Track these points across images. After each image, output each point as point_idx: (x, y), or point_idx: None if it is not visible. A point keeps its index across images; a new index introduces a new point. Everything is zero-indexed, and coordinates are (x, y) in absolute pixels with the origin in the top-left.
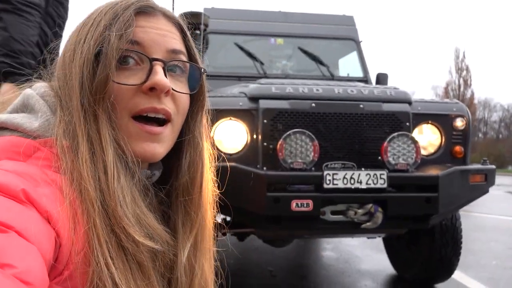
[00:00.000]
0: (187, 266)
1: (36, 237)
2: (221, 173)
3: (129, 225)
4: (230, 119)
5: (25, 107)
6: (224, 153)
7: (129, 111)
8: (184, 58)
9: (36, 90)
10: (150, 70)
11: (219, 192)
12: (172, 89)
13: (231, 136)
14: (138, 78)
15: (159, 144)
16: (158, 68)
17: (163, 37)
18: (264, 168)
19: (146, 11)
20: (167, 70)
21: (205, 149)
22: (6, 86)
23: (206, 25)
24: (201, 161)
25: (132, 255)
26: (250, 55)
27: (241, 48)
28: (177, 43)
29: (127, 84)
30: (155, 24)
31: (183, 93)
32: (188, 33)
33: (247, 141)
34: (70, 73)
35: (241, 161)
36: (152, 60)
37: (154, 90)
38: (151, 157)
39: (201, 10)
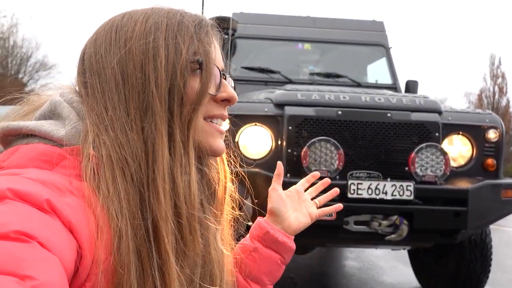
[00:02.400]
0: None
1: (58, 248)
2: (244, 178)
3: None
4: (256, 124)
5: (52, 113)
6: (249, 159)
7: (203, 114)
8: None
9: (63, 96)
10: (220, 82)
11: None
12: None
13: (255, 141)
14: (211, 89)
15: (223, 141)
16: (226, 81)
17: (219, 55)
18: (288, 175)
19: (212, 27)
20: None
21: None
22: None
23: (234, 30)
24: (223, 163)
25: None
26: (278, 59)
27: (270, 52)
28: (222, 62)
29: (212, 94)
30: (213, 42)
31: (231, 104)
32: (222, 50)
33: (271, 147)
34: (146, 79)
35: (265, 167)
36: (222, 73)
37: (226, 101)
38: (221, 152)
39: (229, 15)
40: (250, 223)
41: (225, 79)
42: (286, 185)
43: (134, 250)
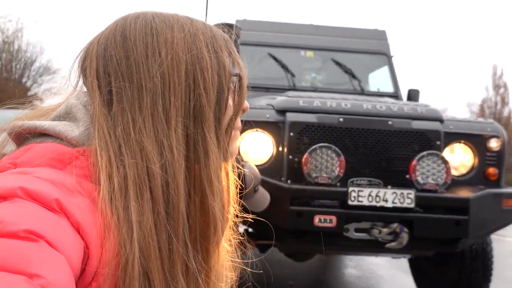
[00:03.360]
0: None
1: (66, 248)
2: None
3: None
4: (257, 130)
5: (68, 115)
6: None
7: (232, 127)
8: None
9: (79, 99)
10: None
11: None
12: None
13: (256, 147)
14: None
15: None
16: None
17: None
18: (288, 181)
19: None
20: None
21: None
22: None
23: (237, 37)
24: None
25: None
26: (280, 66)
27: (275, 59)
28: None
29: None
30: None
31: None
32: None
33: (272, 153)
34: (193, 87)
35: (265, 173)
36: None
37: (243, 111)
38: (236, 154)
39: (233, 21)
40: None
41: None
42: (287, 192)
43: (138, 262)
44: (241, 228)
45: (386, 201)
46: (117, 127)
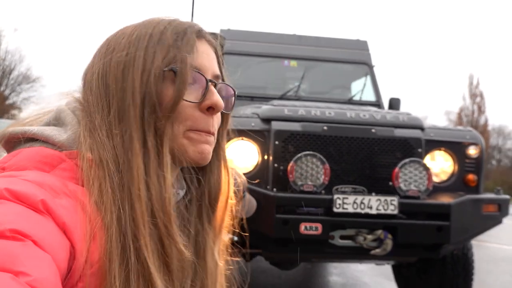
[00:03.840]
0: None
1: (52, 247)
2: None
3: (179, 242)
4: (242, 139)
5: (57, 121)
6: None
7: (187, 126)
8: (221, 81)
9: (68, 105)
10: (207, 90)
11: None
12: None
13: (242, 156)
14: (194, 97)
15: (210, 147)
16: (213, 89)
17: (211, 62)
18: (274, 189)
19: (201, 35)
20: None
21: (225, 166)
22: None
23: (221, 46)
24: (225, 171)
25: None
26: (264, 75)
27: (257, 69)
28: (218, 68)
29: (191, 102)
30: (205, 48)
31: (226, 112)
32: (221, 57)
33: (258, 161)
34: (123, 88)
35: (251, 182)
36: (209, 80)
37: (211, 110)
38: (206, 158)
39: (217, 31)
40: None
41: (215, 86)
42: (273, 200)
43: (118, 255)
44: (226, 237)
45: (371, 208)
46: (85, 125)
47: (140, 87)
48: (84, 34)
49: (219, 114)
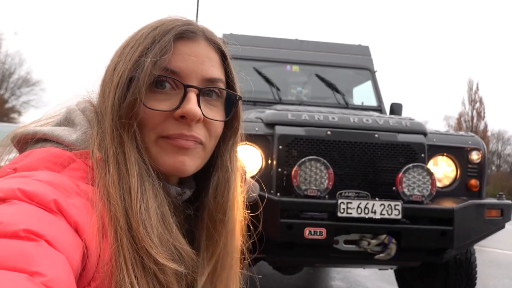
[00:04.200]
0: None
1: (65, 247)
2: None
3: (151, 246)
4: (246, 143)
5: (67, 121)
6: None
7: (157, 133)
8: (221, 84)
9: (78, 105)
10: (184, 97)
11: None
12: (204, 115)
13: (246, 160)
14: (171, 103)
15: (189, 158)
16: (192, 95)
17: (201, 65)
18: (278, 194)
19: (186, 36)
20: (202, 94)
21: (236, 174)
22: None
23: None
24: (228, 185)
25: (156, 276)
26: (267, 80)
27: (259, 73)
28: (214, 71)
29: (158, 110)
30: (194, 50)
31: (215, 120)
32: (228, 57)
33: (261, 166)
34: (107, 93)
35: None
36: (187, 86)
37: (184, 118)
38: (180, 169)
39: (220, 35)
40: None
41: (198, 94)
42: (277, 204)
43: (128, 252)
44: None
45: (375, 212)
46: (100, 132)
47: (112, 94)
48: (84, 38)
49: (212, 121)
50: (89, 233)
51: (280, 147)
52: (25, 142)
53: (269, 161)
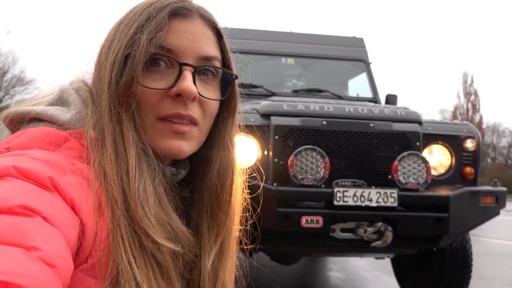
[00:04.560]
0: (211, 271)
1: (61, 223)
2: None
3: (149, 226)
4: (242, 134)
5: (60, 100)
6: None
7: (155, 114)
8: (217, 63)
9: (72, 84)
10: (179, 75)
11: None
12: (200, 94)
13: (242, 151)
14: (166, 82)
15: (185, 142)
16: (187, 74)
17: (197, 43)
18: (275, 184)
19: (181, 13)
20: (198, 73)
21: (236, 155)
22: None
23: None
24: (232, 167)
25: (153, 255)
26: (262, 73)
27: (256, 66)
28: (210, 49)
29: (153, 88)
30: (190, 27)
31: (210, 99)
32: (224, 36)
33: (258, 156)
34: (102, 72)
35: (251, 176)
36: (182, 64)
37: (180, 97)
38: (177, 154)
39: None
40: None
41: (195, 70)
42: (273, 194)
43: (126, 229)
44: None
45: (371, 200)
46: (94, 111)
47: (108, 73)
48: (78, 36)
49: (207, 100)
50: (86, 210)
51: (276, 137)
52: (17, 122)
53: (266, 152)
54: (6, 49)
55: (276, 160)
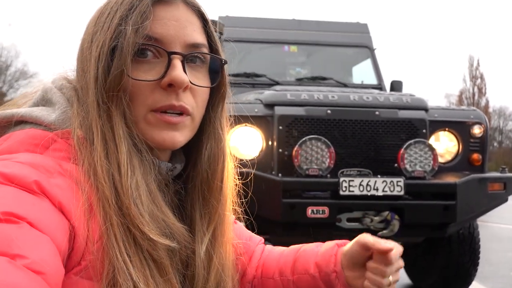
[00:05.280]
0: (205, 259)
1: (49, 227)
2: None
3: (143, 223)
4: (246, 125)
5: (44, 101)
6: (240, 160)
7: (148, 107)
8: (205, 49)
9: (54, 82)
10: (169, 65)
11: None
12: (191, 83)
13: (246, 142)
14: (156, 73)
15: (179, 132)
16: (177, 62)
17: (183, 29)
18: (280, 174)
19: (165, 0)
20: (187, 61)
21: (227, 141)
22: None
23: (221, 33)
24: (223, 153)
25: (149, 253)
26: (265, 62)
27: (258, 54)
28: (197, 35)
29: (144, 80)
30: (174, 13)
31: (202, 86)
32: (209, 20)
33: (262, 147)
34: (87, 66)
35: (256, 167)
36: (171, 53)
37: (172, 86)
38: (171, 145)
39: (216, 18)
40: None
41: (183, 60)
42: (279, 185)
43: (119, 229)
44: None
45: (377, 189)
46: (80, 109)
47: (93, 67)
48: (82, 28)
49: (198, 88)
50: (75, 212)
51: (280, 127)
52: (3, 126)
53: (270, 142)
54: (8, 43)
55: (280, 150)
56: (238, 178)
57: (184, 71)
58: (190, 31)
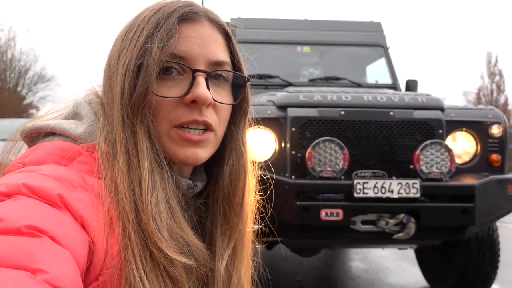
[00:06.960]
0: (225, 275)
1: (70, 242)
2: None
3: (161, 240)
4: (259, 127)
5: (74, 114)
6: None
7: (171, 122)
8: (228, 67)
9: (85, 98)
10: (193, 82)
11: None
12: (215, 100)
13: (259, 144)
14: (180, 89)
15: (202, 149)
16: (201, 80)
17: (207, 47)
18: (293, 176)
19: (190, 17)
20: (210, 78)
21: (248, 157)
22: None
23: (233, 35)
24: (244, 169)
25: (165, 269)
26: (278, 63)
27: (271, 56)
28: (221, 53)
29: (168, 97)
30: (199, 31)
31: (225, 103)
32: (233, 38)
33: (275, 149)
34: (113, 82)
35: (269, 169)
36: (195, 71)
37: (195, 103)
38: (193, 162)
39: (228, 20)
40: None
41: (208, 75)
42: (292, 187)
43: (137, 245)
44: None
45: (392, 192)
46: (106, 124)
47: (120, 83)
48: (97, 31)
49: (221, 105)
50: (96, 227)
51: (293, 129)
52: (33, 136)
53: (283, 144)
54: (27, 48)
55: (293, 152)
56: (260, 195)
57: (208, 88)
58: (214, 48)
